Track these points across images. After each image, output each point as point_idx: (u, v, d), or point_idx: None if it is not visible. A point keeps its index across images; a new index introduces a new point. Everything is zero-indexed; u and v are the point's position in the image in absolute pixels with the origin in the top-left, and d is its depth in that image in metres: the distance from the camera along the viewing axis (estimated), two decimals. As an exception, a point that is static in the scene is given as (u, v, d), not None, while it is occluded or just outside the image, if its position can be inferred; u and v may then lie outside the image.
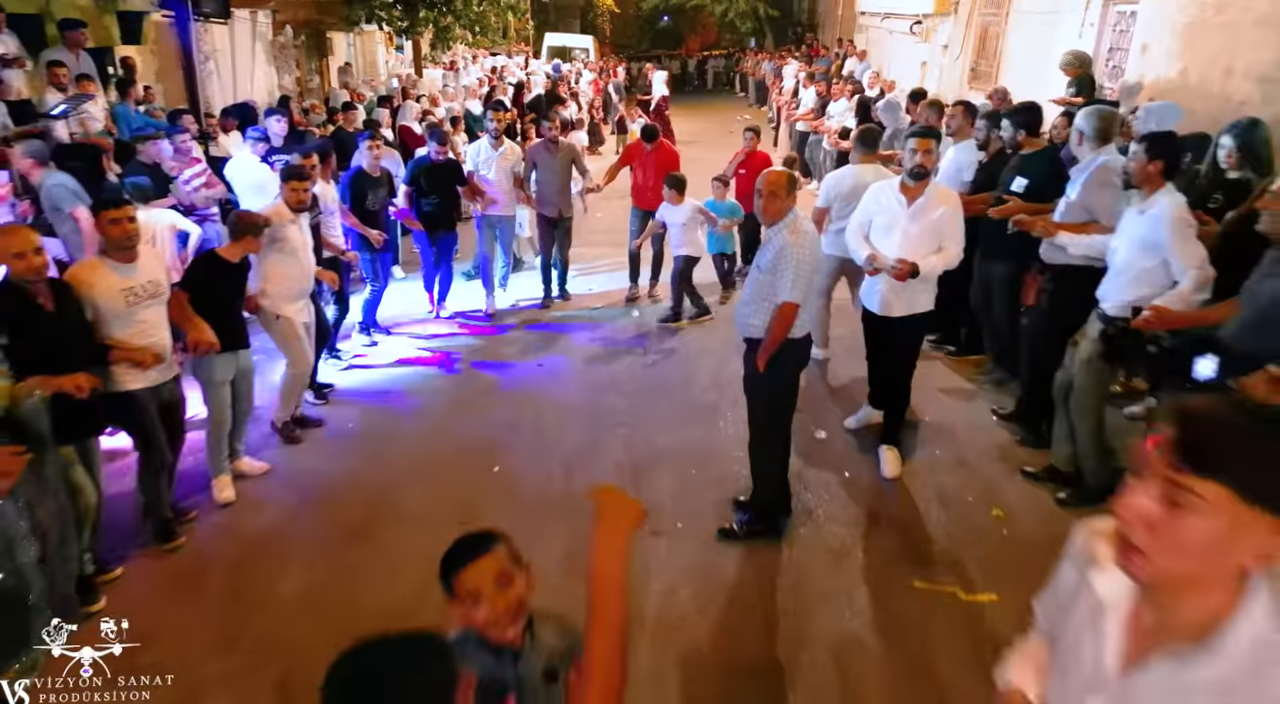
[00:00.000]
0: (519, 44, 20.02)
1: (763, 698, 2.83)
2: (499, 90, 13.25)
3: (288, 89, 12.60)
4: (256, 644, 3.03)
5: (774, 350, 3.37)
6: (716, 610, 3.22)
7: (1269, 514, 0.93)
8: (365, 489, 4.06)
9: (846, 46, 17.56)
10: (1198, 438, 0.95)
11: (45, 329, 2.95)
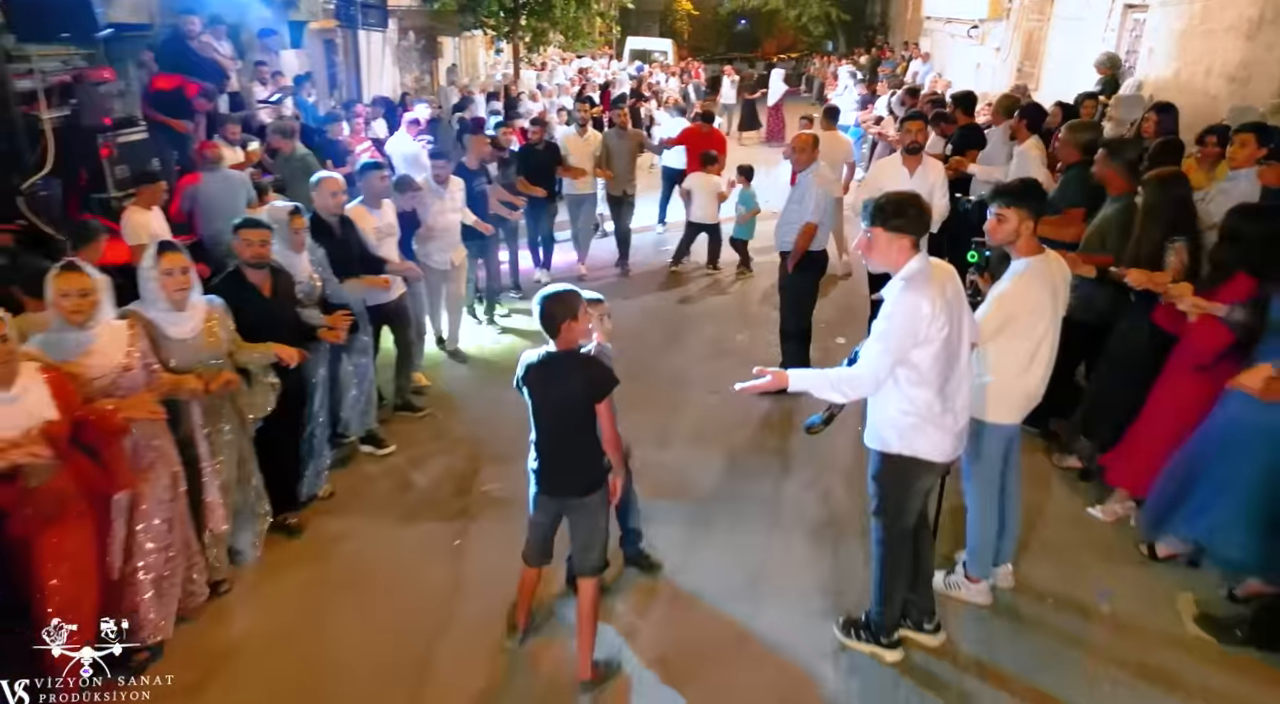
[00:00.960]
0: (604, 47, 21.91)
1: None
2: (588, 88, 15.09)
3: (407, 86, 14.70)
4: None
5: (799, 258, 4.97)
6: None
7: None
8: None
9: (912, 49, 18.82)
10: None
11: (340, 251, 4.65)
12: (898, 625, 3.07)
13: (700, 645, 3.23)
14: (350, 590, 3.60)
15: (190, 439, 3.31)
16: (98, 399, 2.87)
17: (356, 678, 3.08)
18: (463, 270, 6.26)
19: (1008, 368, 3.00)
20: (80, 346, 2.91)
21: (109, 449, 2.90)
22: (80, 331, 2.91)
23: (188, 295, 3.28)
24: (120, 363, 2.98)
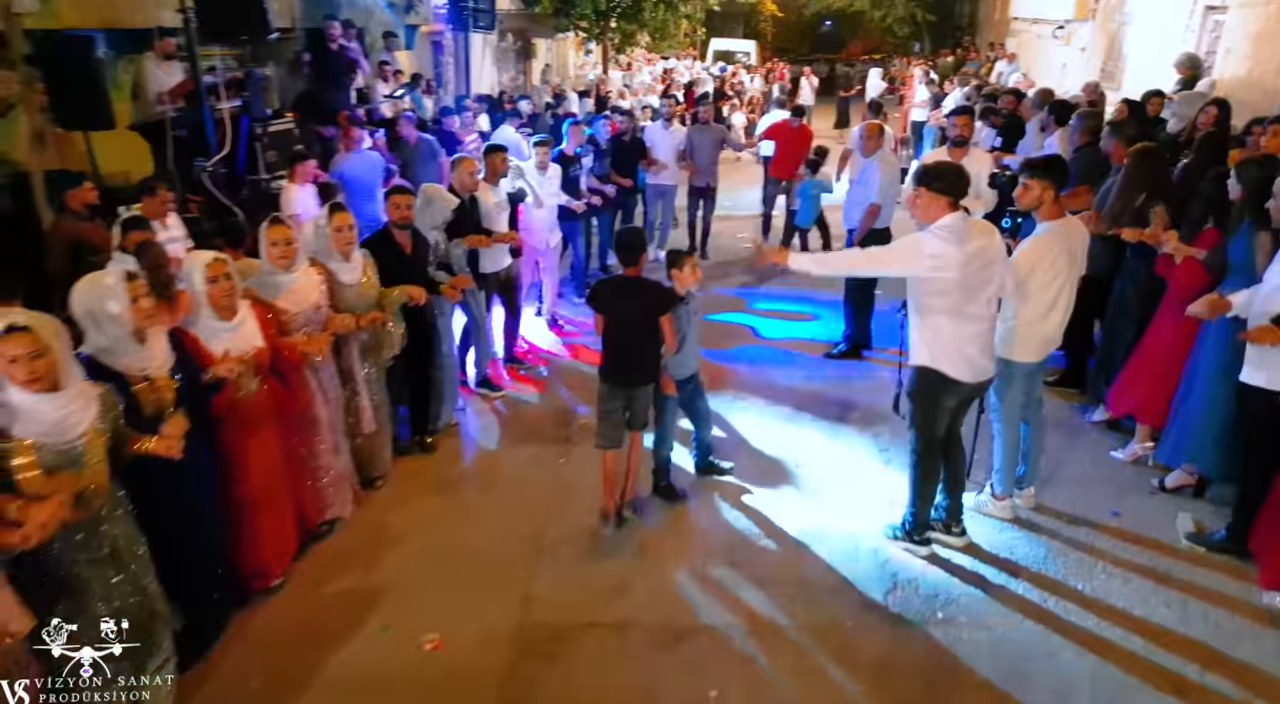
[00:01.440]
0: (689, 48, 22.70)
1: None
2: (673, 87, 15.89)
3: (505, 85, 15.80)
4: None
5: (864, 234, 5.60)
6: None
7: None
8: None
9: (997, 50, 18.90)
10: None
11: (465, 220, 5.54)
12: (928, 525, 3.71)
13: (759, 539, 3.95)
14: (478, 489, 4.46)
15: (350, 370, 4.11)
16: (290, 332, 3.61)
17: (487, 549, 3.91)
18: (558, 249, 7.05)
19: (1029, 315, 3.61)
20: (283, 287, 3.65)
21: (294, 375, 3.64)
22: (285, 274, 3.66)
23: (354, 248, 4.14)
24: (314, 301, 3.73)
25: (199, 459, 3.04)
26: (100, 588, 2.58)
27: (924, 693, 3.04)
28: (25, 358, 2.35)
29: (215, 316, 3.23)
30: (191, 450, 2.85)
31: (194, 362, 3.09)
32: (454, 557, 3.86)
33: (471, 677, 3.15)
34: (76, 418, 2.46)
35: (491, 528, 4.08)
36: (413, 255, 4.54)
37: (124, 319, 2.74)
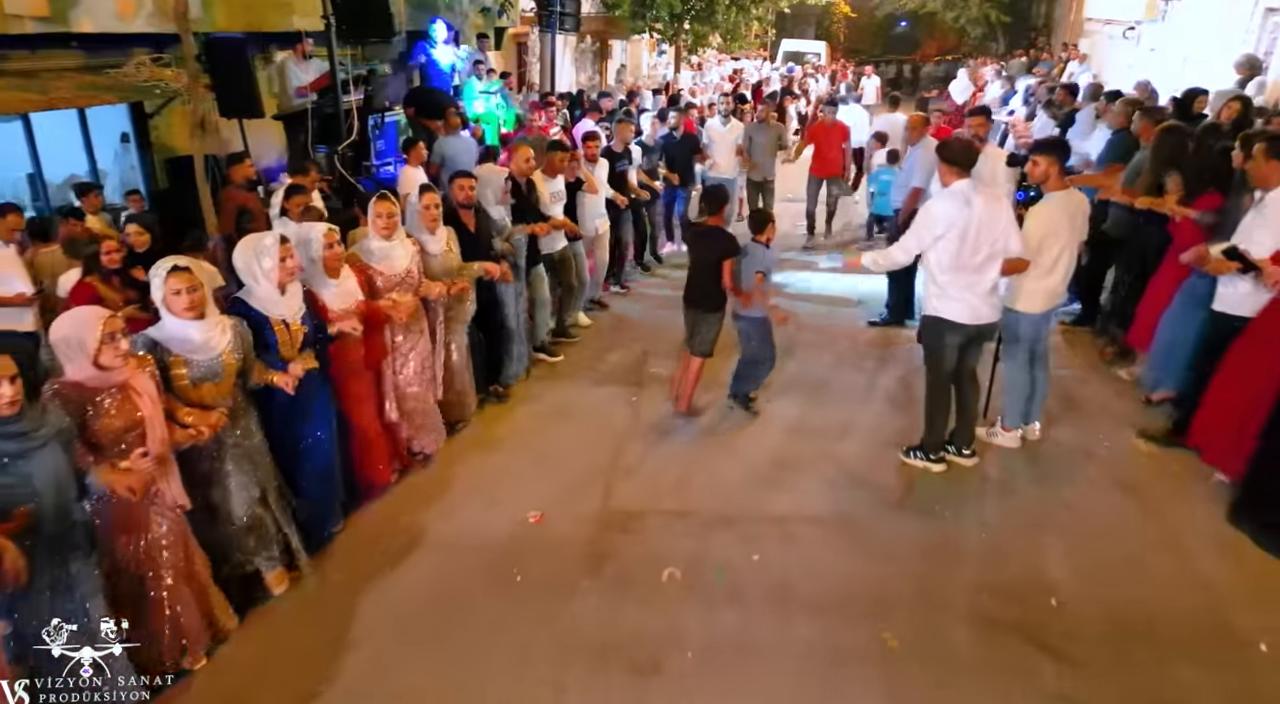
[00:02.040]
0: (759, 49, 23.39)
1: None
2: (742, 86, 16.68)
3: (582, 84, 16.86)
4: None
5: (908, 215, 6.32)
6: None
7: None
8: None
9: (1070, 51, 19.07)
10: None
11: (523, 203, 6.48)
12: (941, 446, 4.46)
13: (799, 450, 4.78)
14: (558, 421, 5.34)
15: (435, 329, 4.77)
16: (381, 293, 4.26)
17: (575, 456, 4.82)
18: (605, 237, 7.31)
19: (1033, 272, 4.32)
20: (383, 254, 4.24)
21: (379, 333, 4.30)
22: (386, 243, 4.26)
23: (439, 224, 4.83)
24: (405, 267, 4.29)
25: (320, 390, 3.79)
26: (237, 482, 3.37)
27: (922, 564, 3.81)
28: (185, 291, 3.07)
29: (325, 275, 3.92)
30: (314, 383, 3.65)
31: (315, 312, 3.83)
32: (548, 461, 4.78)
33: (564, 542, 4.04)
34: (216, 341, 3.18)
35: (577, 442, 4.99)
36: (475, 232, 5.07)
37: (273, 273, 3.49)
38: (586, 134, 6.89)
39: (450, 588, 3.74)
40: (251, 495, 3.45)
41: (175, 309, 3.12)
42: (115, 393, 2.82)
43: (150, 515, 3.01)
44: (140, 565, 3.01)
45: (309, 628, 3.49)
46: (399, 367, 4.49)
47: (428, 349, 4.66)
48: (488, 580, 3.77)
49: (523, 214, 5.74)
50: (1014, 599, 3.56)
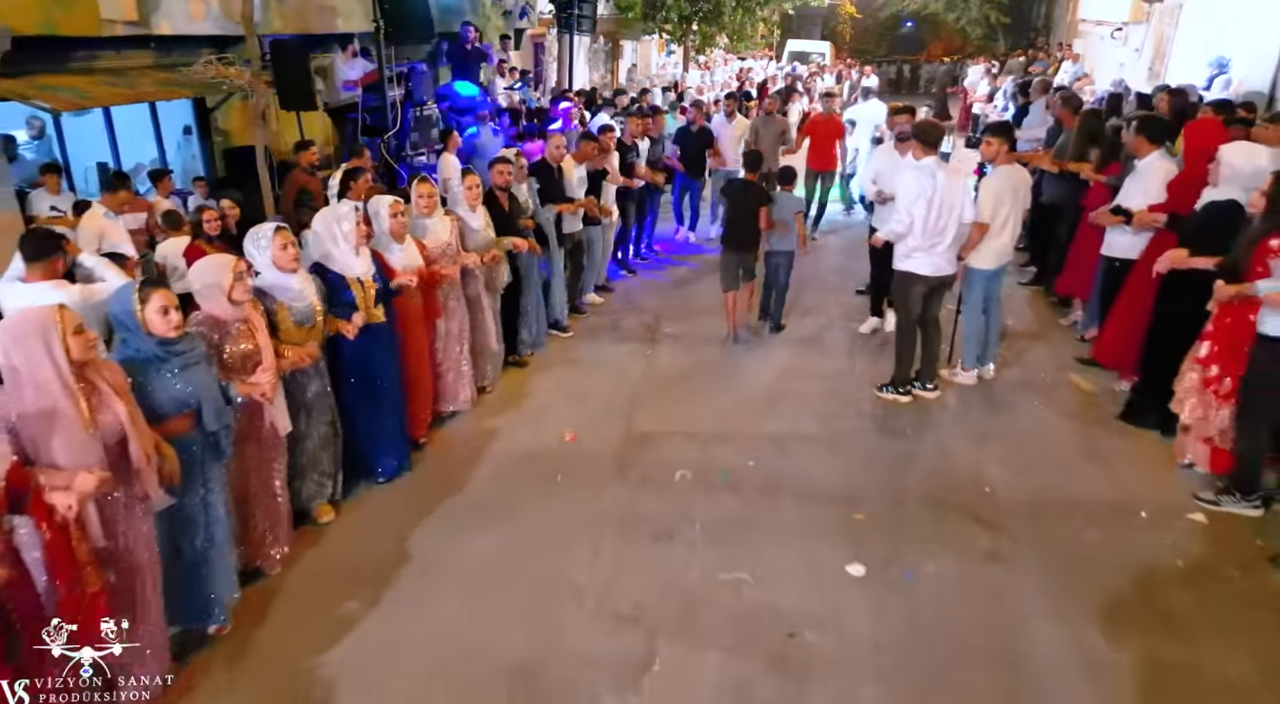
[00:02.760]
0: (765, 49, 24.30)
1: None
2: (746, 85, 17.58)
3: (595, 82, 17.77)
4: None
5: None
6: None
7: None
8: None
9: (1065, 50, 19.92)
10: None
11: (553, 185, 7.36)
12: (908, 381, 5.37)
13: (793, 380, 5.73)
14: (584, 370, 6.24)
15: (476, 297, 5.55)
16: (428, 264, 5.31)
17: (600, 393, 5.73)
18: (613, 223, 7.97)
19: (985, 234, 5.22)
20: (426, 229, 4.97)
21: (430, 293, 5.09)
22: (427, 219, 4.99)
23: (480, 202, 5.81)
24: (446, 241, 5.10)
25: (387, 339, 4.56)
26: (319, 413, 4.16)
27: (887, 468, 4.73)
28: (290, 244, 3.84)
29: (392, 241, 4.64)
30: (382, 332, 4.44)
31: (383, 272, 4.63)
32: (577, 398, 5.70)
33: (595, 454, 4.95)
34: (308, 291, 3.92)
35: (601, 384, 5.91)
36: (509, 212, 5.84)
37: (350, 236, 4.29)
38: (602, 127, 7.77)
39: (507, 485, 4.66)
40: (320, 432, 4.33)
41: (282, 262, 3.91)
42: (241, 325, 3.66)
43: (262, 431, 3.77)
44: (250, 472, 3.78)
45: (398, 516, 4.41)
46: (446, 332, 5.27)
47: (464, 313, 5.41)
48: (537, 481, 4.68)
49: (550, 196, 6.55)
50: (957, 489, 4.47)
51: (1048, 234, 7.16)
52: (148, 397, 3.00)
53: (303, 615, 3.62)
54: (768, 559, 3.97)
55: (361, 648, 3.43)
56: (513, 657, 3.37)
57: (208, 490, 3.33)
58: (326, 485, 4.33)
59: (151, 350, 3.05)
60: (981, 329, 5.48)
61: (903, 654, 3.35)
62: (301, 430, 4.08)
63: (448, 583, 3.84)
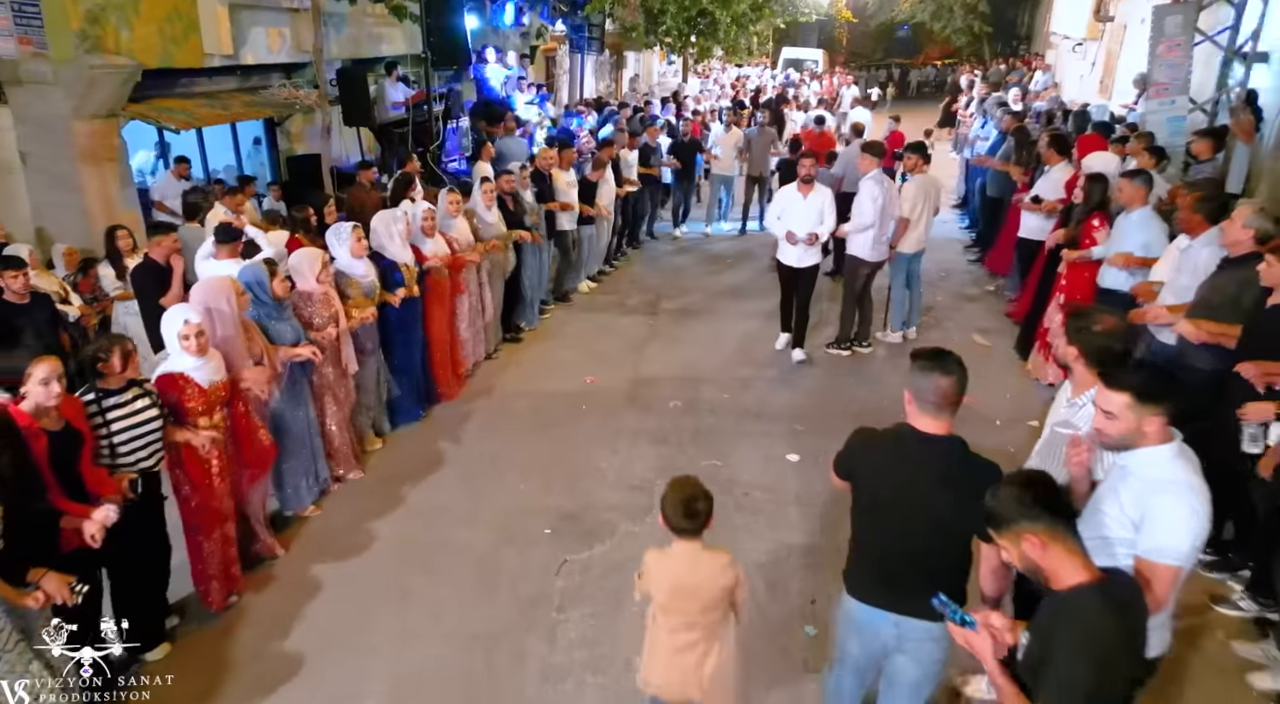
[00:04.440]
0: (761, 57, 26.10)
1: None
2: (740, 92, 19.35)
3: (601, 92, 19.57)
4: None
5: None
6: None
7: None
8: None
9: (1037, 61, 21.72)
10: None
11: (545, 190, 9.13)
12: (849, 339, 7.13)
13: (752, 351, 7.44)
14: (598, 333, 8.01)
15: (484, 279, 7.52)
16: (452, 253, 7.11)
17: (610, 354, 7.48)
18: (609, 221, 9.72)
19: (907, 226, 6.98)
20: (452, 226, 6.80)
21: (456, 275, 7.07)
22: (452, 220, 6.67)
23: (494, 202, 7.56)
24: (469, 236, 7.03)
25: (417, 310, 6.23)
26: (372, 359, 5.79)
27: (827, 396, 6.49)
28: (362, 238, 5.49)
29: (426, 235, 6.25)
30: (415, 306, 6.08)
31: (418, 258, 6.48)
32: (592, 354, 7.46)
33: (610, 392, 6.70)
34: (370, 271, 5.73)
35: (612, 344, 7.68)
36: (515, 211, 7.56)
37: (401, 235, 6.00)
38: (602, 141, 9.53)
39: (543, 413, 6.42)
40: (372, 374, 6.04)
41: (356, 252, 5.58)
42: (322, 296, 5.38)
43: (339, 365, 5.46)
44: (325, 399, 5.49)
45: (449, 436, 6.17)
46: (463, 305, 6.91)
47: (476, 293, 7.04)
48: (565, 412, 6.43)
49: (543, 198, 8.14)
50: (872, 408, 6.23)
51: (992, 221, 9.06)
52: (269, 333, 4.70)
53: (405, 492, 5.39)
54: (733, 453, 5.73)
55: (454, 505, 5.20)
56: (561, 510, 5.12)
57: (305, 397, 5.08)
58: (383, 417, 6.03)
59: (271, 306, 4.77)
60: (905, 300, 7.25)
61: (818, 506, 5.12)
62: (361, 373, 5.68)
63: (509, 469, 5.60)
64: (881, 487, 2.64)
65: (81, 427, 3.36)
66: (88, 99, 7.65)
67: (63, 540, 3.20)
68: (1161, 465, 2.31)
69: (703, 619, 2.77)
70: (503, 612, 4.21)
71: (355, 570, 4.56)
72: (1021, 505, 2.08)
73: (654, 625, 2.88)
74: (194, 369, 3.95)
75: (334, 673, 3.81)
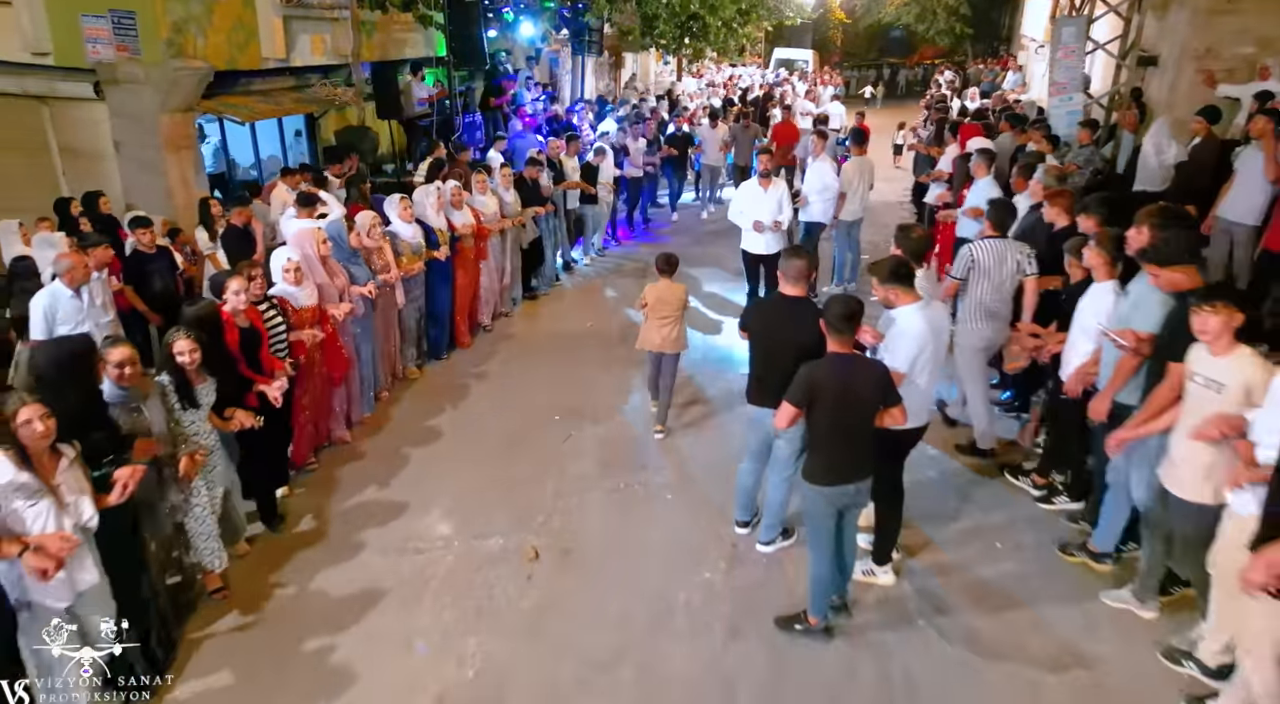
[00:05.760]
0: (754, 57, 27.82)
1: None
2: (730, 91, 21.07)
3: (600, 90, 21.27)
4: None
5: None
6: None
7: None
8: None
9: (1010, 61, 23.44)
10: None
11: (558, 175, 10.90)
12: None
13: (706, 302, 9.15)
14: (594, 295, 9.72)
15: (507, 248, 9.29)
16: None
17: (604, 308, 9.19)
18: (607, 203, 11.74)
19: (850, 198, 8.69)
20: (483, 204, 8.70)
21: (481, 243, 8.81)
22: (480, 196, 8.72)
23: (512, 184, 9.27)
24: (494, 210, 8.82)
25: (448, 268, 8.04)
26: (414, 303, 7.54)
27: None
28: (409, 207, 7.28)
29: (454, 208, 8.21)
30: (447, 265, 7.83)
31: (450, 228, 8.25)
32: (589, 308, 9.17)
33: (606, 332, 8.42)
34: (416, 233, 7.43)
35: (605, 302, 9.39)
36: (532, 190, 9.27)
37: (435, 204, 7.75)
38: (596, 149, 11.15)
39: (551, 347, 8.14)
40: (415, 314, 7.73)
41: (404, 217, 7.32)
42: (377, 248, 7.09)
43: (392, 300, 7.21)
44: (382, 330, 7.26)
45: (477, 365, 7.89)
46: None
47: (498, 258, 8.79)
48: (571, 345, 8.17)
49: (556, 180, 9.94)
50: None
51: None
52: (351, 275, 6.39)
53: (442, 402, 7.11)
54: (703, 367, 7.46)
55: (486, 405, 6.92)
56: (567, 405, 6.81)
57: (370, 327, 6.73)
58: (414, 354, 7.65)
59: (348, 253, 6.46)
60: (843, 254, 8.96)
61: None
62: (405, 312, 7.35)
63: (527, 382, 7.32)
64: (769, 329, 4.35)
65: (260, 326, 5.03)
66: (171, 96, 9.35)
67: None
68: (906, 316, 4.02)
69: (672, 313, 5.99)
70: (527, 465, 5.91)
71: (412, 448, 6.25)
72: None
73: (646, 320, 6.16)
74: (291, 294, 5.63)
75: (409, 495, 5.51)
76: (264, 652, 4.07)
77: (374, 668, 3.94)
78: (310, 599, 4.47)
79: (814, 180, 8.47)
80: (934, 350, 4.02)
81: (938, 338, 4.04)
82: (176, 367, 4.11)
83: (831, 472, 3.77)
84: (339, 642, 4.11)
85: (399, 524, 5.16)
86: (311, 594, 4.51)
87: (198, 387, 4.23)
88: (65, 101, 9.45)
